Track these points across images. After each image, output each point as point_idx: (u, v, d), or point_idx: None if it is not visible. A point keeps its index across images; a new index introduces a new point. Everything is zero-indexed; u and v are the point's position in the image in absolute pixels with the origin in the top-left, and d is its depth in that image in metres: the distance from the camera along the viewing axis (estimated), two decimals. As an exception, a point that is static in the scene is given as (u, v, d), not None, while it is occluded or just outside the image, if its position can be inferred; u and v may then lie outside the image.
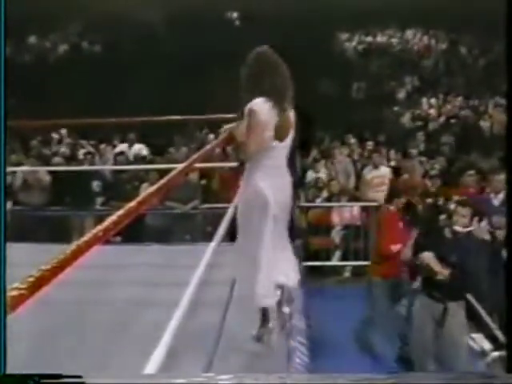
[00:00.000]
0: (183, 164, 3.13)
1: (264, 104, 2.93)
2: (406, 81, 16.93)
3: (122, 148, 9.98)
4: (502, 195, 6.76)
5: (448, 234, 4.97)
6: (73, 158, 9.14)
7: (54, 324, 3.53)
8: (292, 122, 3.10)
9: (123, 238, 6.61)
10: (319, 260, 8.19)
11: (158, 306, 3.61)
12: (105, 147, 10.21)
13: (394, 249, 6.01)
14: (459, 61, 18.00)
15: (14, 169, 8.26)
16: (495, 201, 6.95)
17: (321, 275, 8.00)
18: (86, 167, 8.52)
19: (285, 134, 3.06)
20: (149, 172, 7.93)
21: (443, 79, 17.06)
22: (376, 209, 7.60)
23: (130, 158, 9.19)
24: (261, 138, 2.94)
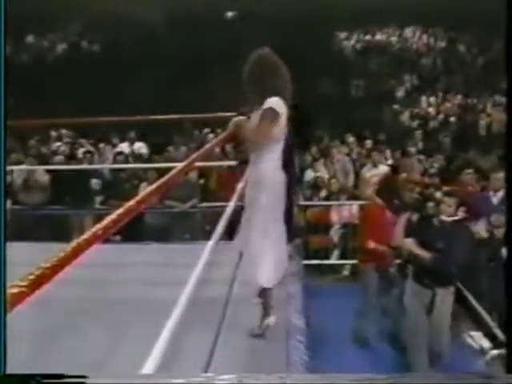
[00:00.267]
0: (183, 163, 3.13)
1: (280, 102, 3.14)
2: (405, 79, 16.92)
3: (123, 147, 9.97)
4: (501, 193, 6.76)
5: (435, 222, 5.17)
6: (72, 157, 9.13)
7: (53, 322, 3.53)
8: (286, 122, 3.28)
9: (123, 236, 6.61)
10: (318, 259, 8.20)
11: (157, 304, 3.61)
12: (104, 146, 10.20)
13: (373, 245, 6.09)
14: (458, 59, 17.99)
15: (12, 167, 8.25)
16: (494, 199, 6.95)
17: (320, 274, 8.00)
18: (84, 166, 8.52)
19: (283, 132, 3.24)
20: (148, 171, 7.94)
21: (442, 78, 17.05)
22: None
23: (129, 157, 9.17)
24: (272, 133, 3.14)
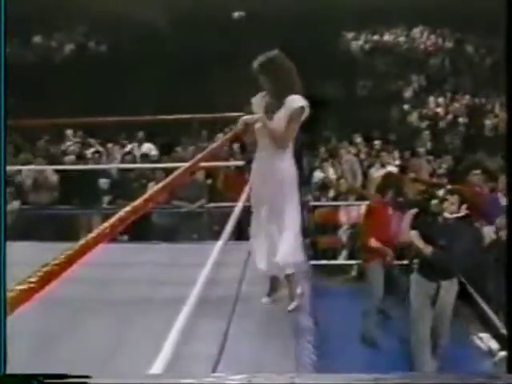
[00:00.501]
0: (189, 162, 3.14)
1: (303, 100, 3.37)
2: (413, 79, 16.86)
3: (131, 147, 9.99)
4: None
5: (439, 219, 5.35)
6: (81, 157, 9.14)
7: (59, 321, 3.54)
8: None
9: (130, 236, 6.63)
10: (326, 259, 8.19)
11: (164, 304, 3.61)
12: (112, 146, 10.22)
13: (374, 243, 6.14)
14: (466, 60, 17.92)
15: (18, 167, 8.30)
16: (503, 200, 6.91)
17: (328, 274, 7.98)
18: (92, 166, 8.53)
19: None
20: (156, 171, 7.95)
21: (450, 78, 16.98)
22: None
23: (137, 157, 9.18)
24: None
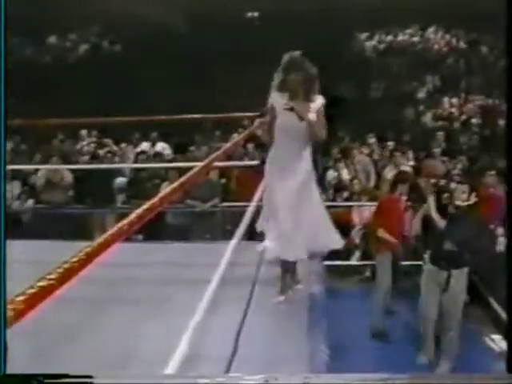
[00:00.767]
0: (205, 161, 3.15)
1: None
2: (427, 80, 16.77)
3: (145, 147, 9.98)
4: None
5: (450, 209, 5.60)
6: (95, 156, 9.17)
7: (74, 320, 3.55)
8: None
9: (145, 236, 6.66)
10: (339, 260, 8.15)
11: (179, 303, 3.62)
12: (126, 146, 10.24)
13: (382, 234, 6.37)
14: (480, 60, 17.79)
15: (20, 167, 8.38)
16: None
17: (341, 275, 7.95)
18: (105, 165, 8.50)
19: None
20: (169, 170, 7.96)
21: (464, 79, 16.87)
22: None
23: (151, 157, 9.17)
24: None
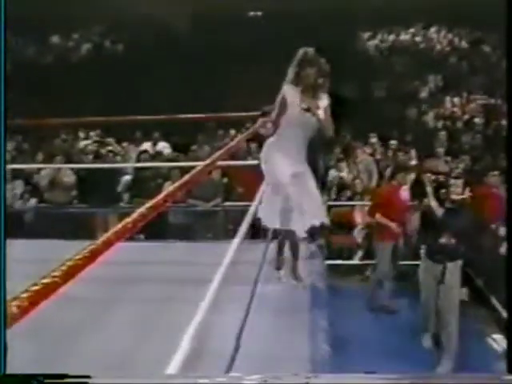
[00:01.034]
0: (207, 160, 3.15)
1: None
2: (430, 79, 16.73)
3: (146, 146, 9.98)
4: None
5: (447, 204, 5.84)
6: (97, 156, 9.17)
7: (76, 319, 3.56)
8: None
9: (147, 235, 6.66)
10: (341, 259, 8.16)
11: (181, 302, 3.61)
12: (128, 145, 10.24)
13: (379, 217, 6.79)
14: (483, 59, 17.74)
15: (33, 166, 8.37)
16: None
17: (343, 274, 7.94)
18: (107, 165, 8.48)
19: None
20: (171, 170, 7.96)
21: (467, 78, 16.83)
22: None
23: (153, 156, 9.17)
24: None
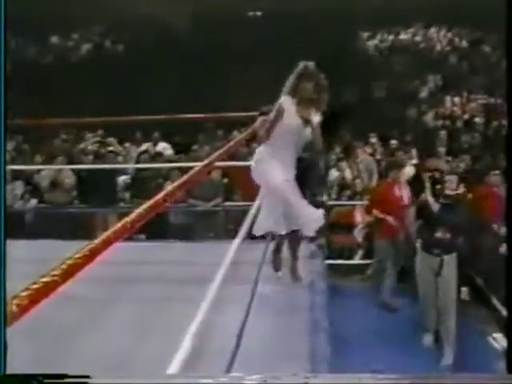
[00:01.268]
0: (206, 160, 3.15)
1: None
2: (430, 79, 16.72)
3: (147, 146, 9.96)
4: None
5: (441, 199, 6.02)
6: (98, 156, 9.15)
7: (77, 318, 3.56)
8: None
9: (147, 235, 6.67)
10: (342, 259, 8.15)
11: (181, 303, 3.61)
12: (129, 146, 10.24)
13: (376, 213, 6.90)
14: (483, 59, 17.74)
15: (23, 167, 8.38)
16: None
17: (343, 274, 7.93)
18: (107, 166, 8.46)
19: None
20: (171, 170, 7.95)
21: (467, 77, 16.83)
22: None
23: (153, 157, 9.15)
24: None
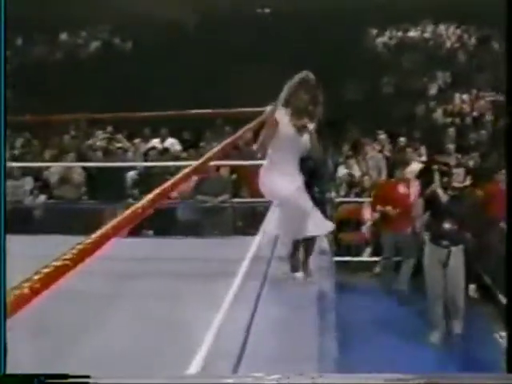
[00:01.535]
0: (212, 150, 3.20)
1: None
2: (438, 76, 16.65)
3: (155, 143, 9.98)
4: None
5: (450, 191, 6.14)
6: (107, 152, 9.18)
7: (83, 315, 3.55)
8: None
9: (155, 231, 6.69)
10: (350, 256, 8.15)
11: (191, 298, 3.61)
12: (138, 142, 10.26)
13: (380, 208, 7.31)
14: (492, 56, 17.65)
15: (32, 165, 8.42)
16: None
17: (351, 271, 7.93)
18: (116, 163, 8.50)
19: None
20: (179, 166, 7.96)
21: (476, 75, 16.75)
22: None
23: (161, 153, 9.16)
24: None
